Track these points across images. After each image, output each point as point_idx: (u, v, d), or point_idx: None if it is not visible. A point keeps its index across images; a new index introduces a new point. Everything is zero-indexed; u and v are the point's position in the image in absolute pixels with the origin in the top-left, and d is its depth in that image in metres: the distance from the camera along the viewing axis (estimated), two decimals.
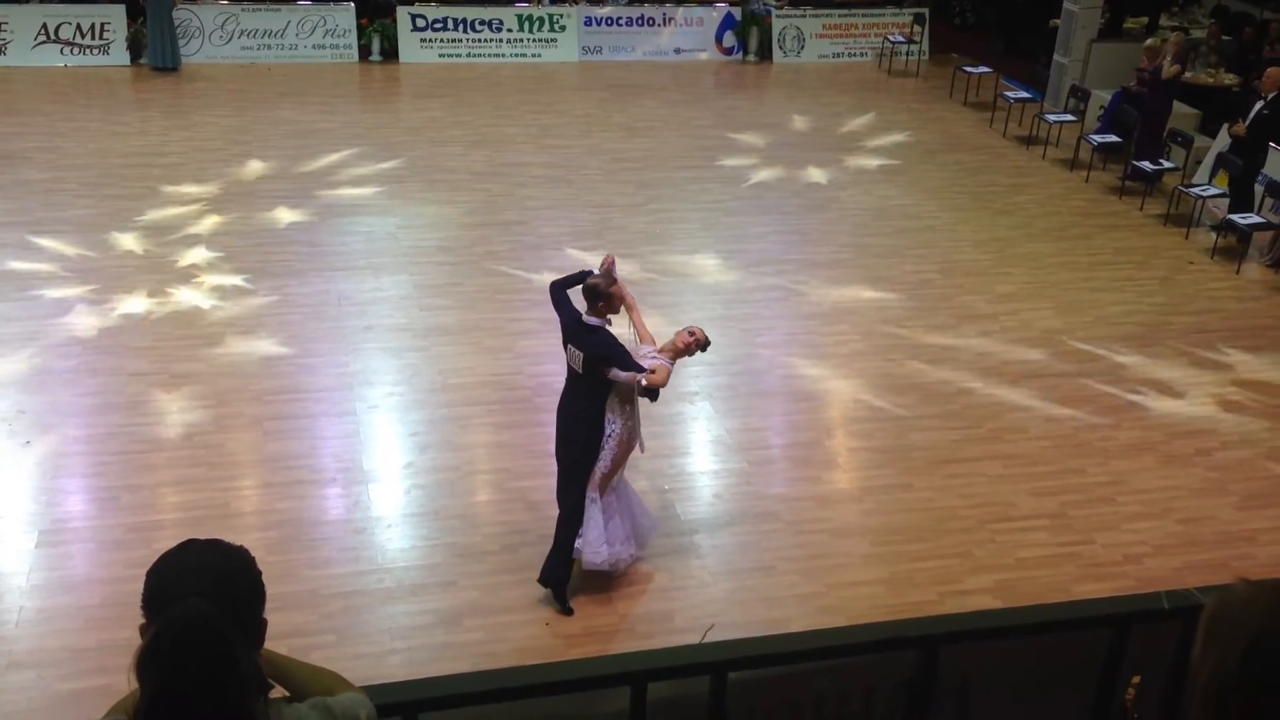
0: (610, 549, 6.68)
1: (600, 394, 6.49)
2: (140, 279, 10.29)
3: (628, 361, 6.39)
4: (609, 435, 6.53)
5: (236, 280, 10.39)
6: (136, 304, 9.88)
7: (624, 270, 10.68)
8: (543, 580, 6.75)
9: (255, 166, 13.02)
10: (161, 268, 10.53)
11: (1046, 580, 7.19)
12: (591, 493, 6.60)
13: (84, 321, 9.53)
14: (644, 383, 6.32)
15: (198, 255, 10.79)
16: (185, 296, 10.05)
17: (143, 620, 2.28)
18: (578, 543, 6.67)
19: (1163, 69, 13.72)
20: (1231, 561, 7.41)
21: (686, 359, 6.90)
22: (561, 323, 6.57)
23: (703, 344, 6.75)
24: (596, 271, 6.67)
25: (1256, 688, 1.98)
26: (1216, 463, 8.56)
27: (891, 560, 7.33)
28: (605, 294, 6.41)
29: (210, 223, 11.52)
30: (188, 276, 10.40)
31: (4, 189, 11.99)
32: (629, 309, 6.73)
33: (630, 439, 6.64)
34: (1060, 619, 3.46)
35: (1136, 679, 3.45)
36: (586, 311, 6.47)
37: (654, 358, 6.50)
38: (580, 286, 6.51)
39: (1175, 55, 13.77)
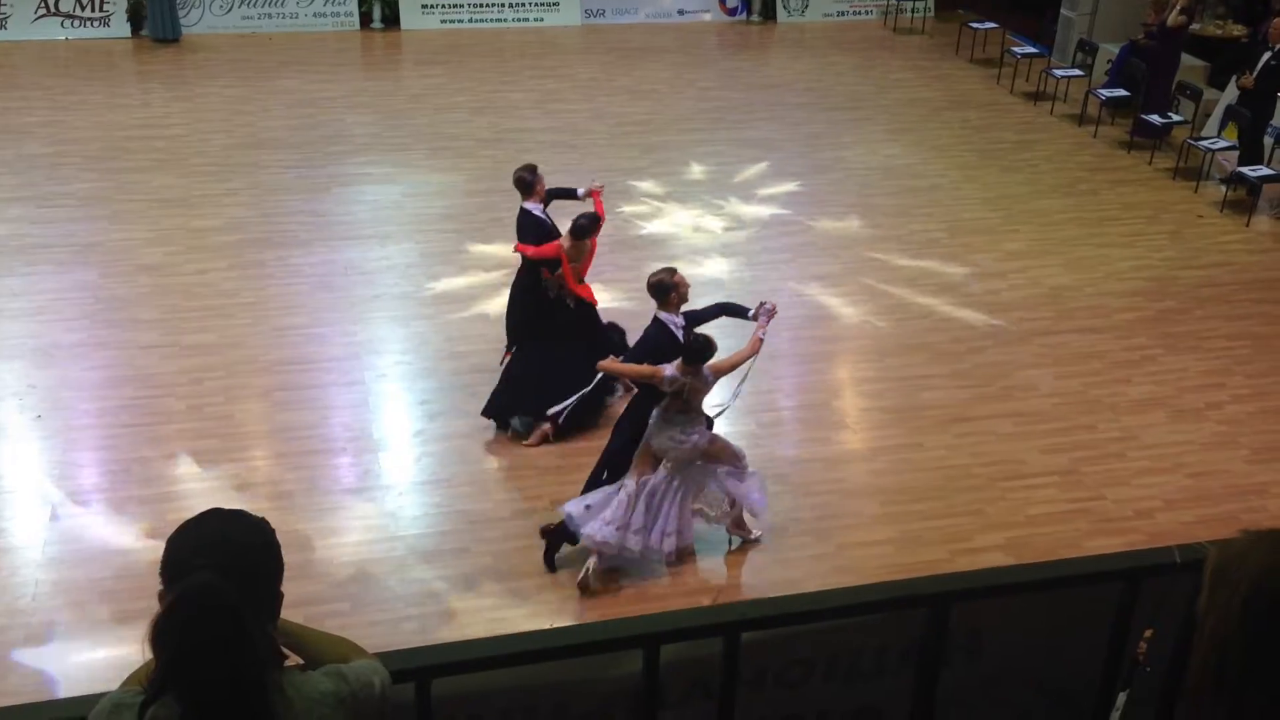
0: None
1: None
2: (148, 251, 10.29)
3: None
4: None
5: (245, 251, 10.37)
6: (144, 277, 9.88)
7: (632, 228, 10.68)
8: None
9: (259, 137, 12.97)
10: (170, 239, 10.52)
11: (1057, 536, 7.20)
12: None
13: (92, 295, 9.53)
14: None
15: (206, 224, 10.78)
16: (195, 267, 10.04)
17: (160, 587, 2.30)
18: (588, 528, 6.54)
19: (1168, 20, 13.57)
20: (1242, 515, 7.41)
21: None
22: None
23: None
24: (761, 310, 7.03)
25: (1256, 634, 2.00)
26: (1227, 416, 8.54)
27: (902, 519, 7.34)
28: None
29: (220, 193, 11.50)
30: (197, 248, 10.38)
31: (8, 164, 11.96)
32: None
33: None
34: (1072, 574, 3.44)
35: (1149, 633, 3.45)
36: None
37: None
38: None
39: (1181, 6, 13.62)
